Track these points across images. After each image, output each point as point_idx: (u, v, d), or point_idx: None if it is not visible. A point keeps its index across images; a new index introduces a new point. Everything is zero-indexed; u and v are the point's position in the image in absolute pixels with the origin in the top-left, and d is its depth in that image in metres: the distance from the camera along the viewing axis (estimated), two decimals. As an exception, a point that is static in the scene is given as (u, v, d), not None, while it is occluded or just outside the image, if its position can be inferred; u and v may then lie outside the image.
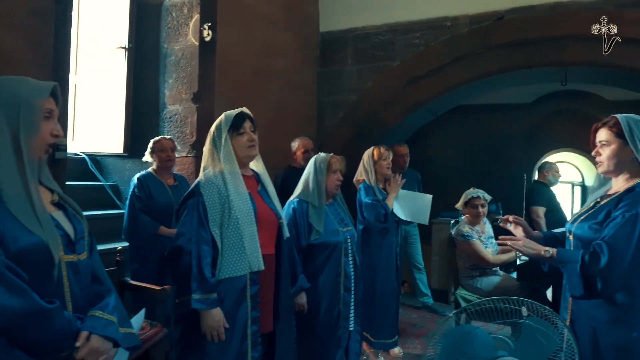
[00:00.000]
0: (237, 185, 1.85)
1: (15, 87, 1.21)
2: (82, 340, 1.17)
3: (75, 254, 1.26)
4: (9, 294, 1.04)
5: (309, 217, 2.39)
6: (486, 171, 6.65)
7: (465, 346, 1.36)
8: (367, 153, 3.36)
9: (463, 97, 5.59)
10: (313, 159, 2.56)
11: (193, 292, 1.70)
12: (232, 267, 1.78)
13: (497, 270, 3.40)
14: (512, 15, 4.56)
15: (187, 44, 3.72)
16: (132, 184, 2.96)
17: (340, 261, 2.44)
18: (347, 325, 2.46)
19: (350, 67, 5.16)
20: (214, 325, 1.74)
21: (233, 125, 1.91)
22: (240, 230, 1.80)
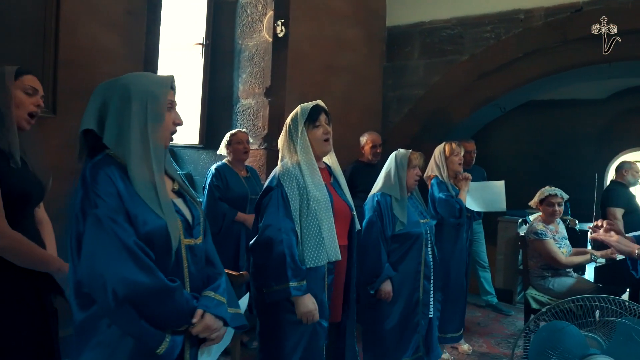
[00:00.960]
0: (314, 177, 1.90)
1: (141, 81, 1.31)
2: (197, 318, 1.26)
3: (193, 238, 1.35)
4: (139, 271, 1.15)
5: (393, 209, 2.48)
6: (555, 170, 6.42)
7: (557, 342, 1.36)
8: (439, 149, 3.36)
9: (533, 93, 5.41)
10: (394, 155, 2.64)
11: (290, 280, 1.75)
12: (312, 257, 1.83)
13: (570, 272, 3.30)
14: (591, 7, 4.36)
15: (260, 40, 3.85)
16: (209, 174, 3.11)
17: (421, 251, 2.53)
18: (426, 311, 2.55)
19: (416, 62, 5.12)
20: (309, 309, 1.80)
21: (309, 118, 1.95)
22: (319, 220, 1.85)
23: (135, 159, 1.25)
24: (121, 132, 1.26)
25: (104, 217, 1.17)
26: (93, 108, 1.30)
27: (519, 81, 4.74)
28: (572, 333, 1.38)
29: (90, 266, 1.16)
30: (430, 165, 3.37)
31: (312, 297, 1.81)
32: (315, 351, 1.88)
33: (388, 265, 2.43)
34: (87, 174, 1.23)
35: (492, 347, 3.56)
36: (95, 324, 1.21)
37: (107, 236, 1.16)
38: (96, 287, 1.16)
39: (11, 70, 1.58)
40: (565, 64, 4.54)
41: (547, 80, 4.77)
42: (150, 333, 1.19)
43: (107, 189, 1.21)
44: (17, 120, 1.56)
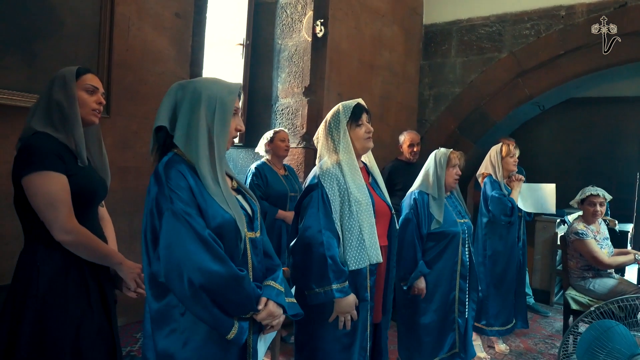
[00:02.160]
0: (356, 177, 1.86)
1: (212, 87, 1.38)
2: (262, 305, 1.34)
3: (254, 231, 1.44)
4: (213, 260, 1.23)
5: (430, 208, 2.49)
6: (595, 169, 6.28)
7: (605, 341, 1.37)
8: (495, 149, 3.37)
9: (574, 90, 5.29)
10: (434, 154, 2.65)
11: (332, 282, 1.73)
12: (354, 259, 1.80)
13: (611, 273, 3.25)
14: (636, 2, 4.24)
15: (300, 40, 3.92)
16: (249, 173, 3.18)
17: (458, 250, 2.53)
18: (463, 309, 2.56)
19: (453, 60, 5.10)
20: (348, 310, 1.79)
21: (352, 116, 1.91)
22: (360, 222, 1.81)
23: (202, 159, 1.32)
24: (190, 133, 1.34)
25: (180, 211, 1.25)
26: (166, 107, 1.37)
27: (560, 79, 4.66)
28: (621, 332, 1.38)
29: (167, 257, 1.24)
30: (485, 163, 3.39)
31: (354, 298, 1.80)
32: (356, 351, 1.87)
33: (422, 263, 2.45)
34: (160, 171, 1.30)
35: (529, 347, 3.54)
36: (170, 312, 1.29)
37: (184, 229, 1.24)
38: (173, 276, 1.23)
39: (72, 70, 1.64)
40: (608, 62, 4.43)
41: (589, 77, 4.68)
42: (222, 319, 1.27)
43: (180, 183, 1.28)
44: (84, 116, 1.63)
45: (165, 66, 2.87)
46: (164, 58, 2.83)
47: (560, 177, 6.00)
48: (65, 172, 1.53)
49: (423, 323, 2.50)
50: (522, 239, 3.36)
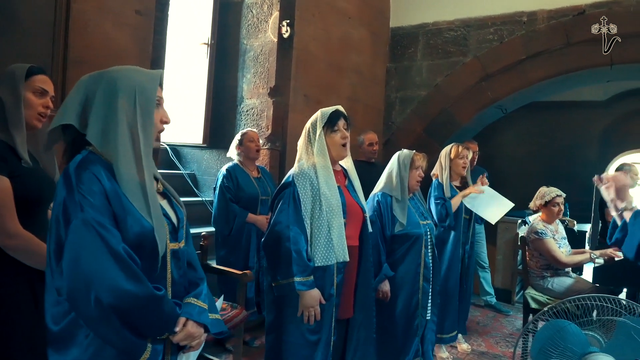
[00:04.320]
0: (328, 179, 1.95)
1: (129, 76, 1.22)
2: (180, 326, 1.22)
3: (177, 241, 1.30)
4: (127, 279, 1.10)
5: (393, 210, 2.50)
6: (555, 171, 6.46)
7: (558, 341, 1.39)
8: (446, 150, 3.38)
9: (536, 95, 5.44)
10: (397, 155, 2.65)
11: (295, 275, 1.82)
12: (321, 257, 1.88)
13: (569, 272, 3.34)
14: (595, 9, 4.39)
15: (265, 40, 3.89)
16: (220, 175, 3.12)
17: (420, 252, 2.54)
18: (424, 314, 2.56)
19: (420, 63, 5.16)
20: (312, 304, 1.85)
21: (328, 122, 2.00)
22: (329, 221, 1.89)
23: (123, 158, 1.17)
24: (107, 129, 1.18)
25: (91, 220, 1.10)
26: (74, 102, 1.20)
27: (523, 83, 4.78)
28: (573, 332, 1.41)
29: (73, 272, 1.09)
30: (436, 165, 3.41)
31: (318, 294, 1.87)
32: (322, 345, 1.93)
33: (386, 265, 2.46)
34: (71, 172, 1.14)
35: (491, 346, 3.60)
36: (73, 334, 1.14)
37: (94, 241, 1.09)
38: (78, 295, 1.09)
39: (22, 70, 1.56)
40: (568, 67, 4.58)
41: (551, 82, 4.80)
42: (133, 342, 1.14)
43: (93, 187, 1.13)
44: (28, 119, 1.56)
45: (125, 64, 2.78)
46: (124, 56, 2.75)
47: (523, 179, 6.15)
48: (8, 174, 1.46)
49: (388, 326, 2.50)
50: (470, 241, 3.37)
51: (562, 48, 4.51)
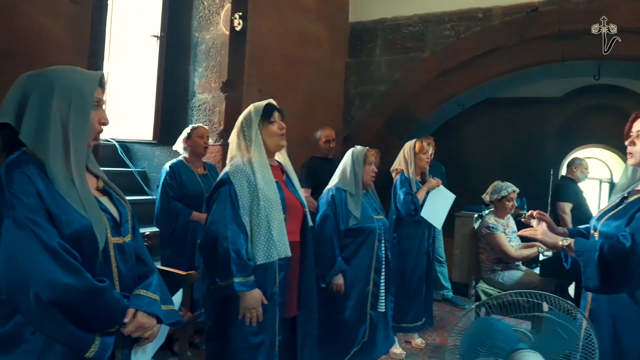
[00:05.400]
0: (266, 175, 1.91)
1: (67, 76, 1.24)
2: (129, 317, 1.23)
3: (121, 236, 1.32)
4: (64, 273, 1.11)
5: (347, 204, 2.52)
6: (513, 165, 6.56)
7: (486, 338, 1.38)
8: (409, 144, 3.39)
9: (493, 90, 5.51)
10: (350, 151, 2.68)
11: (234, 276, 1.76)
12: (262, 254, 1.84)
13: (519, 265, 3.39)
14: (548, 7, 4.46)
15: (217, 33, 3.78)
16: (163, 172, 3.02)
17: (374, 246, 2.58)
18: (375, 303, 2.58)
19: (379, 58, 5.15)
20: (254, 305, 1.80)
21: (263, 115, 1.97)
22: (269, 218, 1.86)
23: (54, 158, 1.19)
24: (39, 128, 1.20)
25: (23, 218, 1.12)
26: (12, 100, 1.22)
27: (479, 79, 4.82)
28: (501, 328, 1.40)
29: (9, 271, 1.11)
30: (398, 159, 3.41)
31: (259, 294, 1.82)
32: (265, 347, 1.88)
33: (340, 259, 2.48)
34: (1, 172, 1.16)
35: (446, 340, 3.62)
36: (20, 332, 1.15)
37: (28, 239, 1.11)
38: (17, 293, 1.10)
39: None
40: (522, 63, 4.64)
41: (506, 78, 4.87)
42: (79, 336, 1.15)
43: (25, 188, 1.14)
44: None
45: (59, 56, 2.64)
46: (57, 47, 2.61)
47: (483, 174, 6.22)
48: None
49: (341, 320, 2.51)
50: (432, 236, 3.41)
51: (516, 44, 4.56)
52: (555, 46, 4.44)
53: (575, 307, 1.40)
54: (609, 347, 1.48)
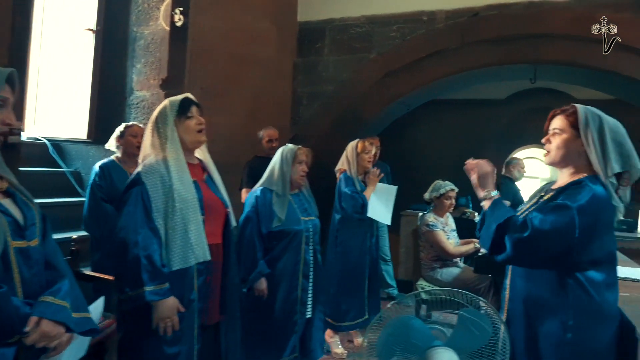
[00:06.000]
0: (182, 173, 1.80)
1: None
2: (31, 325, 1.16)
3: (25, 240, 1.25)
4: None
5: (273, 205, 2.43)
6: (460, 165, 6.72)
7: (401, 337, 1.39)
8: (352, 145, 3.40)
9: (439, 92, 5.64)
10: (280, 150, 2.60)
11: (145, 284, 1.64)
12: (178, 259, 1.73)
13: (457, 262, 3.48)
14: (488, 12, 4.60)
15: (157, 28, 3.67)
16: (93, 172, 2.90)
17: (300, 249, 2.49)
18: (304, 310, 2.51)
19: (327, 58, 5.16)
20: (168, 315, 1.68)
21: (180, 111, 1.86)
22: (186, 220, 1.75)
23: None
24: None
25: None
26: None
27: (424, 80, 4.92)
28: (417, 327, 1.42)
29: None
30: (342, 159, 3.41)
31: (175, 302, 1.71)
32: (182, 357, 1.78)
33: (262, 262, 2.39)
34: None
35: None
36: None
37: None
38: None
39: None
40: (464, 65, 4.76)
41: (451, 80, 4.99)
42: None
43: None
44: None
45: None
46: (-27, 39, 2.45)
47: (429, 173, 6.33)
48: None
49: (268, 326, 2.43)
50: (375, 235, 3.43)
51: (458, 47, 4.68)
52: (495, 50, 4.59)
53: (487, 303, 1.44)
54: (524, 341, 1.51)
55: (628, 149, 1.50)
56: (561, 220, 1.40)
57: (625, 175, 1.53)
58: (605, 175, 1.47)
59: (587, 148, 1.49)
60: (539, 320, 1.49)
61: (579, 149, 1.51)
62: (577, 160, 1.53)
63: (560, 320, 1.44)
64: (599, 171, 1.48)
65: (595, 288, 1.43)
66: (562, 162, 1.57)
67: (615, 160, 1.48)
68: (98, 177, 2.86)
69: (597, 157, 1.48)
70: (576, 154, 1.52)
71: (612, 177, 1.51)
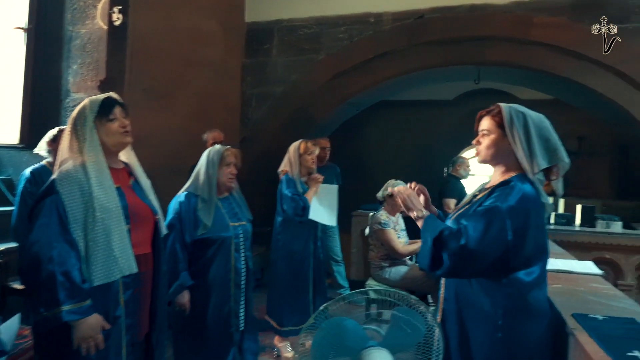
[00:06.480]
0: (103, 179, 1.65)
1: None
2: None
3: None
4: None
5: (198, 211, 2.27)
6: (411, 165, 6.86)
7: (335, 338, 1.37)
8: (294, 146, 3.35)
9: (388, 93, 5.72)
10: (207, 152, 2.42)
11: (62, 303, 1.49)
12: (100, 273, 1.59)
13: (406, 261, 3.51)
14: (433, 14, 4.70)
15: (94, 28, 3.53)
16: (23, 178, 2.74)
17: (230, 257, 2.31)
18: (237, 322, 2.35)
19: (275, 59, 5.12)
20: (91, 334, 1.54)
21: (101, 112, 1.70)
22: (108, 230, 1.61)
23: None
24: None
25: None
26: None
27: (372, 81, 4.97)
28: (351, 328, 1.40)
29: None
30: (284, 161, 3.36)
31: (98, 320, 1.58)
32: None
33: (185, 274, 2.20)
34: None
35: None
36: None
37: None
38: None
39: None
40: (412, 66, 4.84)
41: (398, 80, 5.06)
42: None
43: None
44: None
45: None
46: None
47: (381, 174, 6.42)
48: None
49: (199, 340, 2.29)
50: (319, 237, 3.40)
51: (405, 49, 4.75)
52: (440, 51, 4.70)
53: (420, 301, 1.44)
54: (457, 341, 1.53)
55: (554, 143, 1.52)
56: (493, 225, 1.41)
57: (554, 169, 1.56)
58: (531, 172, 1.50)
59: (514, 146, 1.51)
60: (471, 319, 1.50)
61: (507, 147, 1.53)
62: (506, 158, 1.55)
63: (491, 320, 1.45)
64: (526, 168, 1.50)
65: (525, 287, 1.45)
66: (493, 162, 1.60)
67: (542, 156, 1.50)
68: (29, 183, 2.70)
69: (524, 154, 1.50)
70: (505, 153, 1.54)
71: (540, 174, 1.54)
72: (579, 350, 1.38)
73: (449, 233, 1.45)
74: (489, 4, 4.57)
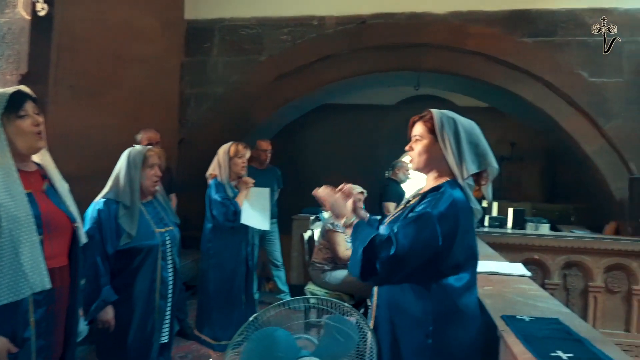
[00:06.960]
0: (11, 184, 1.48)
1: None
2: None
3: None
4: None
5: (119, 219, 2.08)
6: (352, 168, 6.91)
7: (266, 350, 1.31)
8: (223, 148, 3.22)
9: (330, 96, 5.73)
10: (126, 153, 2.22)
11: None
12: (6, 291, 1.42)
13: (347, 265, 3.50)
14: (375, 20, 4.76)
15: (15, 17, 3.26)
16: None
17: (156, 266, 2.13)
18: (157, 336, 2.17)
19: (216, 59, 5.00)
20: None
21: (9, 107, 1.52)
22: (16, 242, 1.44)
23: None
24: None
25: None
26: None
27: (314, 84, 4.96)
28: (282, 338, 1.36)
29: None
30: (213, 164, 3.24)
31: (2, 343, 1.42)
32: None
33: (107, 288, 2.03)
34: None
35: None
36: None
37: None
38: None
39: None
40: (354, 70, 4.88)
41: (340, 84, 5.08)
42: None
43: None
44: None
45: None
46: None
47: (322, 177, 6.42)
48: None
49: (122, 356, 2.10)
50: (251, 243, 3.32)
51: (347, 53, 4.78)
52: (381, 56, 4.76)
53: (354, 309, 1.42)
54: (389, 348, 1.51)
55: (483, 149, 1.55)
56: (424, 231, 1.41)
57: (484, 174, 1.59)
58: (461, 177, 1.51)
59: (445, 151, 1.52)
60: (402, 326, 1.49)
61: (438, 153, 1.54)
62: (439, 164, 1.56)
63: (421, 326, 1.45)
64: (457, 173, 1.52)
65: (455, 292, 1.46)
66: (426, 168, 1.60)
67: (472, 161, 1.52)
68: None
69: (455, 160, 1.51)
70: (437, 159, 1.55)
71: (470, 179, 1.56)
72: (508, 351, 1.41)
73: (379, 242, 1.44)
74: (428, 12, 4.70)
